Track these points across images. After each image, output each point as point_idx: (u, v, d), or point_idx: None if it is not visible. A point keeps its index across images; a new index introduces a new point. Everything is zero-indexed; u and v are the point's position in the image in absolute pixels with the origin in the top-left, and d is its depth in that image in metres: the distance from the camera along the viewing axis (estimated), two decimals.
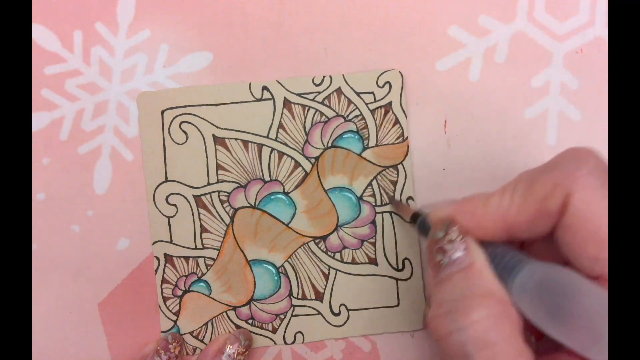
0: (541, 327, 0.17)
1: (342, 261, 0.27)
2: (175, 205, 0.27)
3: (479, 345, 0.18)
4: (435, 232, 0.21)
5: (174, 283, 0.27)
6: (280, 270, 0.27)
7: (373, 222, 0.27)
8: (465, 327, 0.18)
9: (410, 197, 0.27)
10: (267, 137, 0.27)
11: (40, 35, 0.27)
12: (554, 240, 0.19)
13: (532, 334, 0.22)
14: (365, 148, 0.27)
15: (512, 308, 0.19)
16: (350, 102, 0.27)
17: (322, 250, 0.27)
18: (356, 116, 0.27)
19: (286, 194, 0.27)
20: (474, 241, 0.20)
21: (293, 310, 0.27)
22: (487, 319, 0.18)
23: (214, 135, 0.27)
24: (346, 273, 0.27)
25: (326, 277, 0.27)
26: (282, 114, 0.27)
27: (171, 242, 0.27)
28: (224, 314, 0.27)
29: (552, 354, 0.19)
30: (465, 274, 0.19)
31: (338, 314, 0.27)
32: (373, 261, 0.27)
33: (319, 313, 0.27)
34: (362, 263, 0.27)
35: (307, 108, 0.27)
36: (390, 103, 0.27)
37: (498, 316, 0.18)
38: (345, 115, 0.27)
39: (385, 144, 0.27)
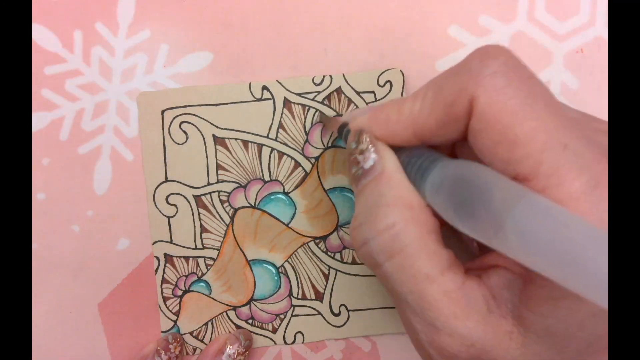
0: (452, 222, 0.17)
1: (342, 261, 0.27)
2: (175, 205, 0.27)
3: (387, 254, 0.18)
4: (349, 143, 0.21)
5: (174, 283, 0.27)
6: (280, 270, 0.27)
7: None
8: (373, 237, 0.18)
9: None
10: (267, 137, 0.27)
11: (40, 35, 0.27)
12: (470, 146, 0.18)
13: (474, 242, 0.22)
14: None
15: (423, 211, 0.18)
16: (350, 101, 0.27)
17: (322, 251, 0.27)
18: None
19: (286, 194, 0.27)
20: (386, 148, 0.20)
21: (293, 310, 0.27)
22: (393, 227, 0.18)
23: (214, 135, 0.27)
24: (346, 273, 0.27)
25: (326, 277, 0.27)
26: (282, 114, 0.27)
27: (171, 242, 0.27)
28: (224, 314, 0.27)
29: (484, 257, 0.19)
30: (376, 182, 0.19)
31: (338, 314, 0.27)
32: None
33: (319, 313, 0.27)
34: (362, 264, 0.27)
35: (307, 108, 0.27)
36: None
37: (405, 222, 0.18)
38: None
39: None
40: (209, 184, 0.27)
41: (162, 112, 0.27)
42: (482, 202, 0.16)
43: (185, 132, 0.27)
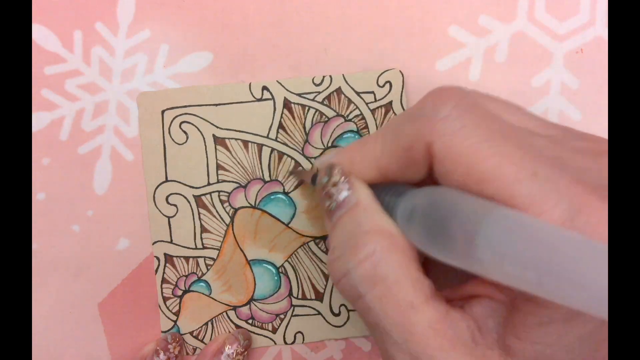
0: (427, 251, 0.17)
1: None
2: (175, 205, 0.27)
3: (369, 283, 0.18)
4: (320, 179, 0.21)
5: (174, 283, 0.27)
6: (280, 270, 0.27)
7: None
8: (354, 267, 0.18)
9: None
10: (267, 137, 0.27)
11: (40, 35, 0.27)
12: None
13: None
14: None
15: (401, 240, 0.18)
16: (350, 101, 0.27)
17: (322, 251, 0.27)
18: (356, 116, 0.27)
19: (286, 194, 0.27)
20: (357, 180, 0.20)
21: (293, 310, 0.27)
22: (373, 255, 0.18)
23: (214, 135, 0.27)
24: None
25: (326, 277, 0.27)
26: (282, 114, 0.27)
27: (171, 242, 0.27)
28: (224, 314, 0.27)
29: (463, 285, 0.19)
30: (351, 213, 0.19)
31: (338, 314, 0.27)
32: None
33: (319, 313, 0.27)
34: None
35: (307, 108, 0.27)
36: (390, 103, 0.27)
37: (386, 250, 0.18)
38: (345, 115, 0.27)
39: None
40: (209, 184, 0.27)
41: (162, 112, 0.27)
42: (451, 223, 0.15)
43: (185, 132, 0.27)
